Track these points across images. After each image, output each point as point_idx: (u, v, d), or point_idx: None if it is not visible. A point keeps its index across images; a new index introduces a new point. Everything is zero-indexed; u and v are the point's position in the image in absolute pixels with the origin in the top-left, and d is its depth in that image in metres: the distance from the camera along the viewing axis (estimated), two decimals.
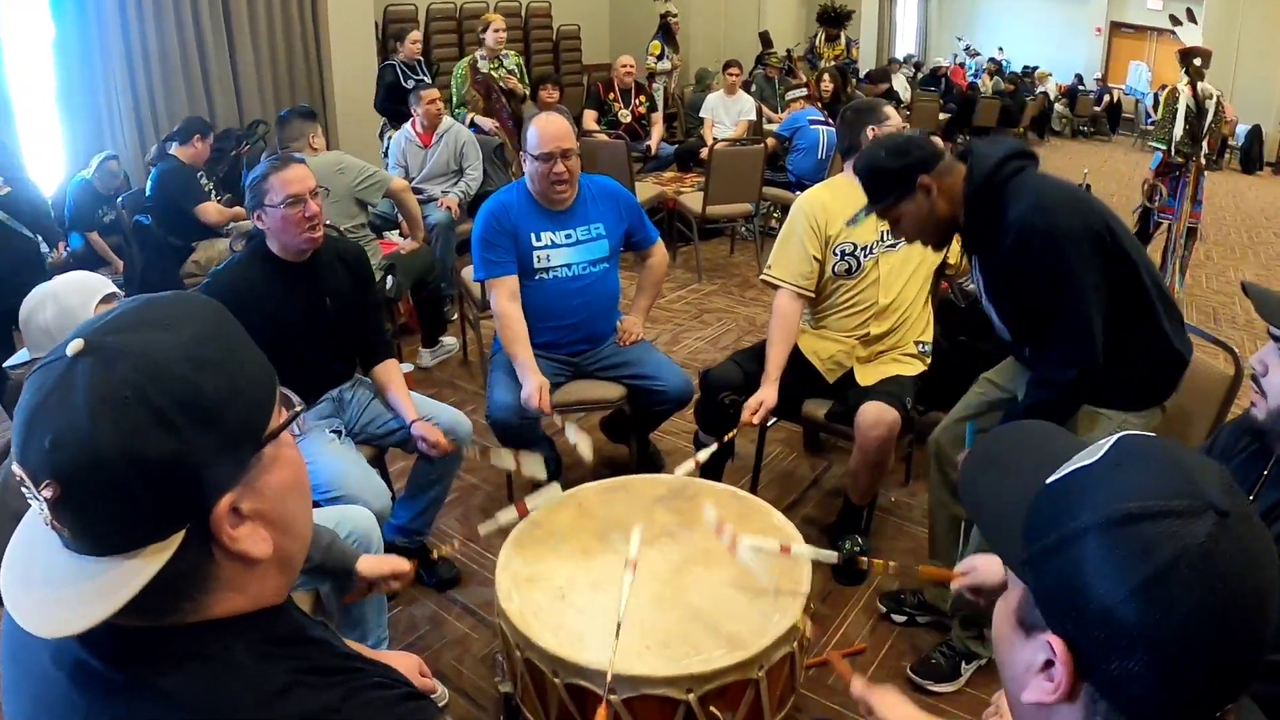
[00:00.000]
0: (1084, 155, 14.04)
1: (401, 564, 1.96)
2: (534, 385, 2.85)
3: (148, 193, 4.95)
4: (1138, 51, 18.38)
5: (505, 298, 3.02)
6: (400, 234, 4.93)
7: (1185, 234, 5.64)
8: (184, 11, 6.19)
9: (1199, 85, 5.51)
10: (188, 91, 6.29)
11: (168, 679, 0.79)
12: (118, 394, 0.74)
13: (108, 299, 1.91)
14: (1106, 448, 0.78)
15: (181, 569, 0.78)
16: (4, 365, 1.96)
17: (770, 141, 6.58)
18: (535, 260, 3.05)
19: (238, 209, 5.08)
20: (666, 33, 9.02)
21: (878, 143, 2.31)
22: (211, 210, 4.87)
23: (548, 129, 2.98)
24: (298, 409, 0.89)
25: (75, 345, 0.76)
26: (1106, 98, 17.44)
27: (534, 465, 2.44)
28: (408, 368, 4.22)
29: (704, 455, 2.52)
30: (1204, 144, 5.55)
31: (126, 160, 6.02)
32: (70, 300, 1.86)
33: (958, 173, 2.18)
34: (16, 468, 0.76)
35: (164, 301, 0.84)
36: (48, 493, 0.73)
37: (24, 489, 0.76)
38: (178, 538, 0.77)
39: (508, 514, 2.19)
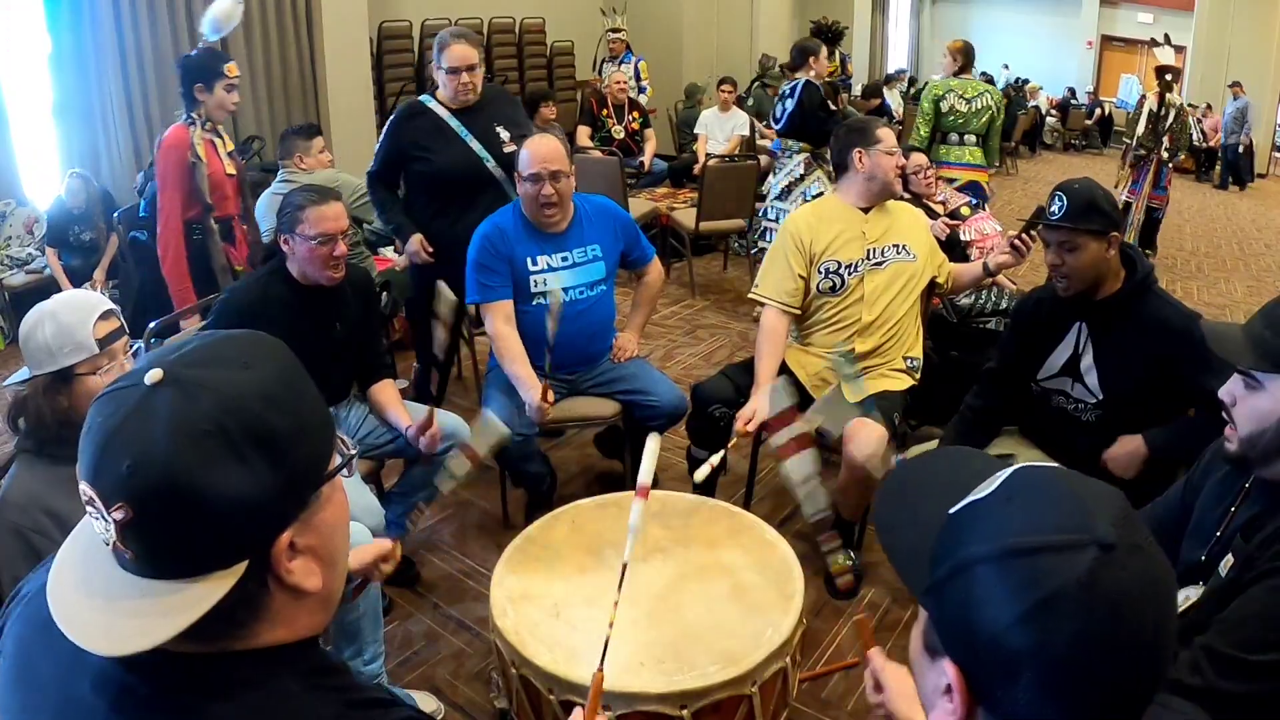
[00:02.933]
0: (1076, 168, 14.08)
1: (384, 544, 1.97)
2: (535, 393, 2.87)
3: (142, 211, 4.95)
4: (1129, 64, 18.51)
5: (500, 321, 3.03)
6: (395, 250, 4.95)
7: (1145, 211, 7.19)
8: (180, 26, 6.21)
9: (1166, 95, 6.86)
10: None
11: (218, 706, 0.80)
12: (199, 427, 0.76)
13: (106, 316, 1.92)
14: (1000, 481, 0.81)
15: (239, 598, 0.80)
16: (4, 383, 1.97)
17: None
18: (532, 284, 3.05)
19: None
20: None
21: (1096, 185, 2.47)
22: None
23: (538, 150, 2.96)
24: (353, 453, 0.92)
25: (154, 375, 0.78)
26: (1098, 111, 17.51)
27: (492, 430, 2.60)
28: (402, 383, 4.24)
29: (716, 459, 2.55)
30: (1164, 140, 6.96)
31: (122, 175, 6.05)
32: (68, 318, 1.87)
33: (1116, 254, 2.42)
34: (86, 487, 0.78)
35: (239, 339, 0.87)
36: (119, 515, 0.76)
37: (90, 509, 0.78)
38: (240, 568, 0.80)
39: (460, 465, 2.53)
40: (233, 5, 3.29)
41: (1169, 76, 7.01)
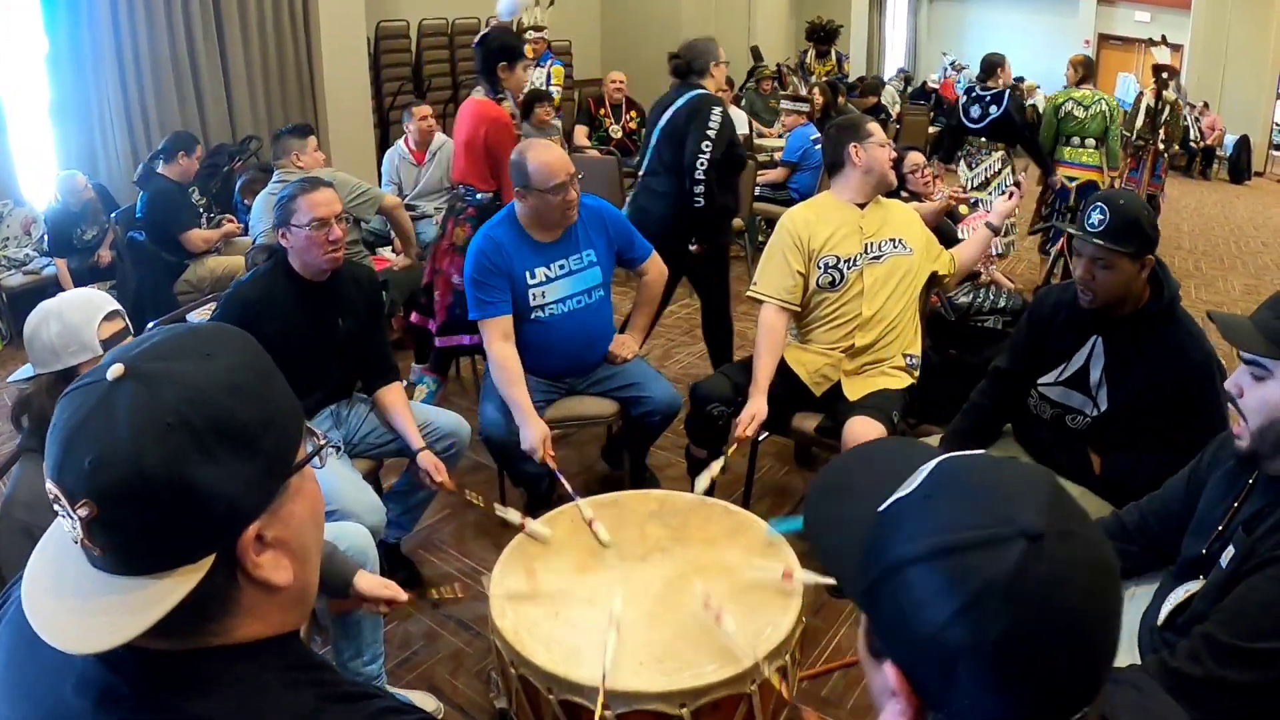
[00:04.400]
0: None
1: (399, 595, 1.98)
2: (536, 437, 2.82)
3: (139, 212, 4.96)
4: (1126, 63, 18.45)
5: (498, 338, 2.98)
6: (393, 250, 4.96)
7: (1146, 199, 7.32)
8: (177, 26, 6.21)
9: (1163, 91, 7.37)
10: (181, 106, 6.31)
11: (199, 703, 0.80)
12: (162, 419, 0.76)
13: (111, 316, 1.92)
14: (923, 476, 0.79)
15: (209, 592, 0.80)
16: (10, 380, 1.97)
17: (782, 171, 6.64)
18: (531, 299, 3.01)
19: (227, 228, 5.11)
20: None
21: (1141, 204, 2.37)
22: (196, 239, 4.91)
23: (552, 161, 2.89)
24: (323, 442, 0.91)
25: (116, 370, 0.78)
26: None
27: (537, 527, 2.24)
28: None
29: (716, 468, 2.54)
30: (1161, 132, 7.40)
31: (119, 176, 6.04)
32: (73, 318, 1.87)
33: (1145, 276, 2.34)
34: (51, 485, 0.77)
35: (201, 331, 0.87)
36: (83, 511, 0.75)
37: (57, 507, 0.77)
38: (208, 561, 0.79)
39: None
40: None
41: (1165, 74, 7.38)
